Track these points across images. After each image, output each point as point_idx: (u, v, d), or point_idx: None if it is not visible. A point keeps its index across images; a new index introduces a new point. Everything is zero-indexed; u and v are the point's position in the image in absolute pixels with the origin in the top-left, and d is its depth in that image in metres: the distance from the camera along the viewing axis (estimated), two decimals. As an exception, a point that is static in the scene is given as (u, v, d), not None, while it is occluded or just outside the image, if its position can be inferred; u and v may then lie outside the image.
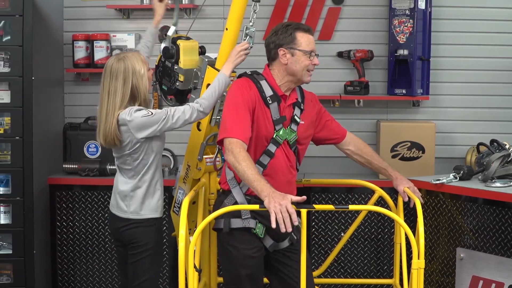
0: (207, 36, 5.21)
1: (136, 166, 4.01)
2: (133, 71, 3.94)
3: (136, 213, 4.03)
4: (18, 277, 5.05)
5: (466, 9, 5.50)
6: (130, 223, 4.03)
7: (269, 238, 3.86)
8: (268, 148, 3.81)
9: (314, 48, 3.85)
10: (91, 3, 5.66)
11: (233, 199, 3.85)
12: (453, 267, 4.59)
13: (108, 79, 3.95)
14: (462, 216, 4.54)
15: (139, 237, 4.01)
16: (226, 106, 3.80)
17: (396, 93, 5.44)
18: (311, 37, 3.86)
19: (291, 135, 3.87)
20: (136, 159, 3.99)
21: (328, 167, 5.52)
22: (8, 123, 4.99)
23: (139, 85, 3.95)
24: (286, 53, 3.82)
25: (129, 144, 3.95)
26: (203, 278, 4.48)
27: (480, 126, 5.55)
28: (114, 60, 3.97)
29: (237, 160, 3.56)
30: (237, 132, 3.66)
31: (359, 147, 4.24)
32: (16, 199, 5.02)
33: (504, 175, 4.52)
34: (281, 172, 3.86)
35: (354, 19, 5.57)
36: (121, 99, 3.92)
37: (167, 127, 3.93)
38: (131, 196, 4.03)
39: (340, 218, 5.31)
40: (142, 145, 3.96)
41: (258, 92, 3.81)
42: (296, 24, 3.88)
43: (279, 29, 3.87)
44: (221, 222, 3.82)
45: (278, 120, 3.82)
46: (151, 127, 3.90)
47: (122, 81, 3.92)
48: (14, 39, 4.96)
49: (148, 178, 4.04)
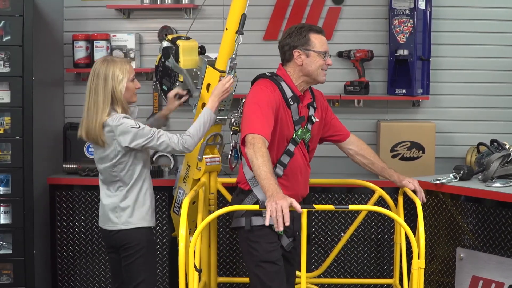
0: (207, 36, 5.21)
1: (123, 176, 4.04)
2: (112, 75, 3.99)
3: (127, 223, 4.07)
4: (18, 277, 5.04)
5: (466, 9, 5.49)
6: (121, 230, 4.08)
7: (286, 237, 3.93)
8: (288, 148, 3.91)
9: (327, 48, 3.95)
10: (91, 3, 5.66)
11: (254, 197, 3.92)
12: (453, 267, 4.59)
13: (92, 77, 4.04)
14: (462, 216, 4.54)
15: (130, 239, 4.05)
16: (248, 105, 3.83)
17: (396, 93, 5.44)
18: (324, 38, 3.96)
19: (307, 134, 3.97)
20: (122, 169, 4.02)
21: (328, 167, 5.51)
22: (8, 123, 4.99)
23: (116, 90, 3.99)
24: (301, 54, 3.90)
25: (113, 151, 3.98)
26: (203, 278, 4.48)
27: (480, 126, 5.55)
28: (100, 60, 4.07)
29: (255, 155, 3.61)
30: (260, 129, 3.71)
31: (361, 148, 4.29)
32: (16, 199, 5.01)
33: (504, 175, 4.52)
34: (299, 171, 3.96)
35: (354, 19, 5.57)
36: (103, 100, 3.97)
37: (149, 145, 4.00)
38: (121, 207, 4.06)
39: (340, 218, 5.31)
40: (127, 154, 4.00)
41: (281, 93, 3.88)
42: (310, 26, 3.97)
43: (293, 31, 3.95)
44: (242, 221, 3.89)
45: (298, 120, 3.92)
46: (135, 139, 3.94)
47: (103, 81, 3.99)
48: (14, 39, 4.95)
49: (136, 189, 4.07)
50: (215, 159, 4.49)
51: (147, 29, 5.65)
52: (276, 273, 3.84)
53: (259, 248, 3.85)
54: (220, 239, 5.20)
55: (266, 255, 3.84)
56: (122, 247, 4.07)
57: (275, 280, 3.82)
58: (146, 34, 5.66)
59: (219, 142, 4.53)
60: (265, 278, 3.83)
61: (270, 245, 3.85)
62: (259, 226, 3.84)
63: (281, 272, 3.87)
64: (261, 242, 3.85)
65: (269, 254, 3.84)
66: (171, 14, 5.63)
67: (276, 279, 3.83)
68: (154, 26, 5.64)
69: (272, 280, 3.82)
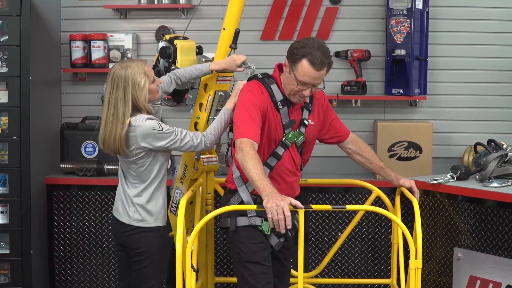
0: (204, 36, 5.20)
1: (141, 173, 3.97)
2: (133, 82, 3.87)
3: (140, 221, 4.00)
4: (15, 277, 5.04)
5: (463, 9, 5.50)
6: (134, 229, 4.01)
7: (274, 236, 3.89)
8: (276, 151, 3.88)
9: (310, 82, 3.74)
10: (88, 3, 5.65)
11: (239, 198, 3.89)
12: (450, 267, 4.59)
13: (110, 85, 3.91)
14: (460, 216, 4.55)
15: (143, 244, 3.99)
16: (238, 108, 3.83)
17: (393, 93, 5.44)
18: (315, 73, 3.72)
19: (299, 137, 3.92)
20: (141, 165, 3.96)
21: (325, 167, 5.51)
22: (6, 123, 4.98)
23: (138, 97, 3.88)
24: (286, 66, 3.81)
25: (133, 151, 3.91)
26: (200, 278, 4.48)
27: (477, 126, 5.55)
28: (118, 67, 3.92)
29: (245, 159, 3.60)
30: (248, 132, 3.69)
31: (360, 147, 4.27)
32: (13, 199, 5.01)
33: (501, 175, 4.52)
34: (286, 174, 3.92)
35: (352, 19, 5.57)
36: (123, 109, 3.86)
37: (173, 147, 3.94)
38: (135, 203, 4.00)
39: (338, 218, 5.31)
40: (147, 154, 3.93)
41: (269, 96, 3.83)
42: (311, 51, 3.71)
43: (300, 43, 3.78)
44: (227, 221, 3.88)
45: (287, 124, 3.87)
46: (157, 142, 3.89)
47: (122, 91, 3.87)
48: (11, 39, 4.95)
49: (153, 187, 4.00)
50: (212, 159, 4.49)
51: (144, 29, 5.65)
52: (262, 274, 3.81)
53: (244, 248, 3.83)
54: (218, 239, 5.20)
55: (252, 255, 3.81)
56: (133, 250, 4.02)
57: (261, 281, 3.80)
58: (143, 34, 5.66)
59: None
60: (250, 278, 3.81)
61: (256, 246, 3.83)
62: (244, 227, 3.83)
63: (267, 272, 3.84)
64: (246, 243, 3.83)
65: (255, 254, 3.82)
66: (168, 14, 5.63)
67: (262, 280, 3.81)
68: (151, 26, 5.64)
69: (258, 281, 3.80)
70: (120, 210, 4.06)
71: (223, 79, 4.38)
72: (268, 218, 3.41)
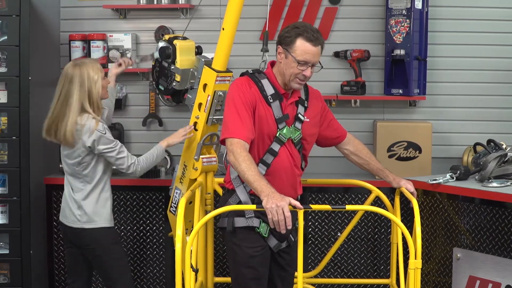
0: (204, 36, 5.21)
1: (86, 175, 4.23)
2: (88, 76, 4.16)
3: (89, 223, 4.24)
4: (15, 277, 5.05)
5: (462, 9, 5.50)
6: (84, 229, 4.26)
7: (273, 238, 3.83)
8: (271, 147, 3.79)
9: (310, 59, 3.69)
10: (87, 3, 5.65)
11: (237, 198, 3.83)
12: (450, 267, 4.59)
13: (62, 80, 4.19)
14: (459, 216, 4.55)
15: (95, 240, 4.25)
16: (226, 105, 3.79)
17: (392, 93, 5.44)
18: (313, 48, 3.68)
19: (295, 133, 3.84)
20: (85, 168, 4.22)
21: (325, 167, 5.51)
22: (5, 123, 4.99)
23: (92, 90, 4.15)
24: (281, 52, 3.76)
25: (78, 150, 4.18)
26: (200, 278, 4.48)
27: (477, 126, 5.55)
28: (71, 66, 4.21)
29: (237, 161, 3.57)
30: (238, 132, 3.65)
31: (358, 148, 4.23)
32: (13, 199, 5.01)
33: (501, 175, 4.52)
34: (284, 171, 3.83)
35: (351, 19, 5.57)
36: (76, 103, 4.13)
37: (108, 155, 4.20)
38: (84, 205, 4.24)
39: (337, 218, 5.31)
40: (90, 155, 4.20)
41: (259, 90, 3.77)
42: (304, 30, 3.70)
43: (289, 27, 3.77)
44: (225, 221, 3.83)
45: (280, 118, 3.79)
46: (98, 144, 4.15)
47: (78, 85, 4.14)
48: (11, 39, 4.95)
49: (98, 190, 4.25)
50: (212, 159, 4.49)
51: (143, 29, 5.65)
52: (255, 280, 3.77)
53: (240, 252, 3.78)
54: (217, 239, 5.20)
55: (247, 259, 3.76)
56: (86, 247, 4.25)
57: (252, 286, 3.77)
58: (142, 34, 5.65)
59: (215, 142, 4.52)
60: (242, 283, 3.78)
61: (252, 249, 3.76)
62: (242, 229, 3.78)
63: (261, 278, 3.79)
64: (242, 245, 3.77)
65: (250, 259, 3.76)
66: (167, 14, 5.63)
67: (254, 286, 3.77)
68: (150, 26, 5.64)
69: (250, 286, 3.76)
70: (67, 214, 4.31)
71: (222, 79, 4.37)
72: (268, 218, 3.39)
